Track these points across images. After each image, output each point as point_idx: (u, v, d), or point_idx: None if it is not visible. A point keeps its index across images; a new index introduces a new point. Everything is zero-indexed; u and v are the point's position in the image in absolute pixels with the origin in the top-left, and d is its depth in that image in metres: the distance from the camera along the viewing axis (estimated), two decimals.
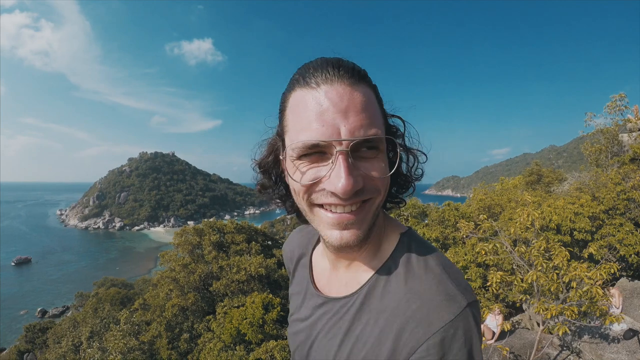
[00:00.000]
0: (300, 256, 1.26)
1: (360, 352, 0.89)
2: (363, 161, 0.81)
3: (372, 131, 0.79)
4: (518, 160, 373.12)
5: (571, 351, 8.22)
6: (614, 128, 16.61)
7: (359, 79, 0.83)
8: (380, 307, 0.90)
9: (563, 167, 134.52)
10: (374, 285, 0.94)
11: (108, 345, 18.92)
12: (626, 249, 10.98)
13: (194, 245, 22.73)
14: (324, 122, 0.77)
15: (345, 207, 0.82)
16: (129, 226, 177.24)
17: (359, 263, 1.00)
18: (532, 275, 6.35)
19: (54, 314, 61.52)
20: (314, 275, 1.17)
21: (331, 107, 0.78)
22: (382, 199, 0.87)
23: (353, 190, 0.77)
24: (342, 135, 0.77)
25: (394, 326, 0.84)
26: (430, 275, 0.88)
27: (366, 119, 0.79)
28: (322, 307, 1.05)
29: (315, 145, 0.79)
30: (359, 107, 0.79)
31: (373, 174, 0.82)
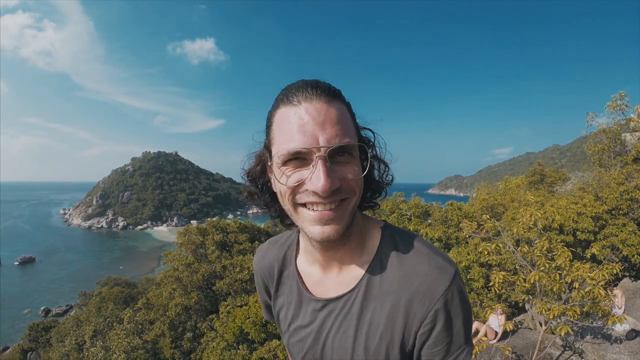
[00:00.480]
0: (282, 268, 1.29)
1: (376, 335, 1.05)
2: (339, 165, 0.94)
3: (345, 140, 0.93)
4: (521, 159, 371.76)
5: (573, 351, 8.22)
6: (616, 128, 16.55)
7: (333, 97, 0.97)
8: (383, 292, 1.06)
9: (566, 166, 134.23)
10: (372, 276, 1.09)
11: (111, 344, 18.96)
12: (629, 249, 10.96)
13: (197, 244, 22.77)
14: (305, 133, 0.91)
15: (325, 205, 0.95)
16: (132, 225, 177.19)
17: (349, 262, 1.13)
18: (534, 276, 6.35)
19: (57, 313, 61.50)
20: (305, 283, 1.22)
21: (311, 120, 0.92)
22: (357, 198, 1.00)
23: (331, 189, 0.90)
24: (320, 143, 0.90)
25: (401, 303, 1.02)
26: (419, 255, 1.06)
27: (340, 130, 0.93)
28: (325, 309, 1.15)
29: (298, 152, 0.92)
30: (334, 120, 0.93)
31: (348, 175, 0.95)
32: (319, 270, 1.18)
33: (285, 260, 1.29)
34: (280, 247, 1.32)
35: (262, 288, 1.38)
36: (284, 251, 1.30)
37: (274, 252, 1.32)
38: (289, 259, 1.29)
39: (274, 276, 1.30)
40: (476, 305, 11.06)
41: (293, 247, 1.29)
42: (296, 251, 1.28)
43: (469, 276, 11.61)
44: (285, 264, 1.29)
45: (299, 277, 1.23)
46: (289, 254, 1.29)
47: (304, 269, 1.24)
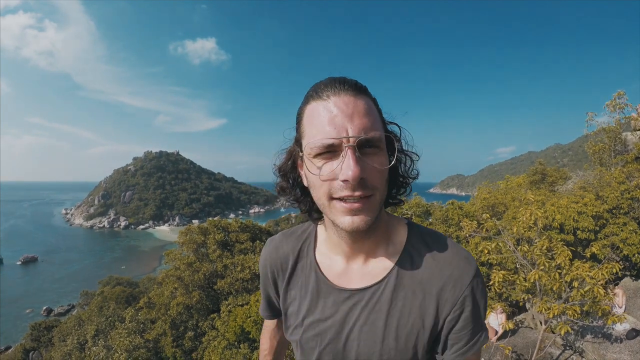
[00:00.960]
0: (297, 260, 1.28)
1: (408, 323, 1.10)
2: (367, 156, 0.96)
3: (373, 132, 0.96)
4: (523, 158, 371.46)
5: (574, 351, 8.22)
6: (616, 126, 16.55)
7: (360, 91, 1.00)
8: (415, 280, 1.12)
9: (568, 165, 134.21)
10: (403, 266, 1.14)
11: (113, 343, 19.00)
12: (629, 249, 10.95)
13: (198, 244, 22.79)
14: (334, 125, 0.95)
15: (354, 197, 0.96)
16: (134, 225, 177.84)
17: (377, 254, 1.18)
18: (534, 275, 6.36)
19: (59, 312, 61.79)
20: (326, 274, 1.22)
21: (339, 113, 0.95)
22: (382, 193, 1.02)
23: (360, 176, 0.93)
24: (349, 134, 0.93)
25: (434, 291, 1.09)
26: (447, 247, 1.14)
27: (368, 122, 0.96)
28: (349, 300, 1.17)
29: (329, 145, 0.95)
30: (362, 112, 0.97)
31: (375, 165, 0.97)
32: (343, 261, 1.20)
33: (301, 252, 1.29)
34: (296, 240, 1.32)
35: (270, 281, 1.35)
36: (300, 243, 1.30)
37: (289, 244, 1.31)
38: (305, 251, 1.29)
39: (287, 269, 1.29)
40: None
41: (311, 240, 1.30)
42: (314, 244, 1.29)
43: None
44: (302, 255, 1.29)
45: (319, 269, 1.23)
46: (306, 246, 1.29)
47: (323, 260, 1.24)
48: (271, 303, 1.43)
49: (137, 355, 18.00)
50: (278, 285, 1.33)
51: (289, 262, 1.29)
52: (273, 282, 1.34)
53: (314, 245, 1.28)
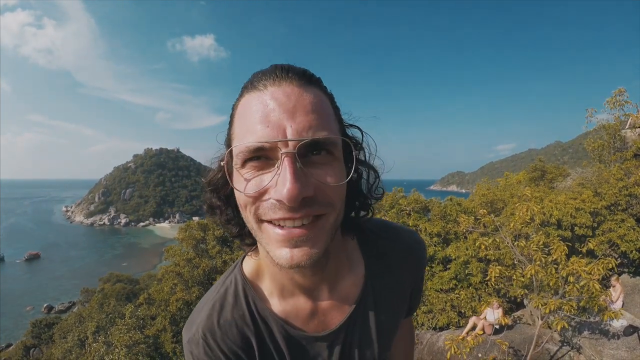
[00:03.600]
0: (257, 330, 0.97)
1: (393, 314, 1.10)
2: (314, 167, 0.73)
3: (322, 132, 0.72)
4: (523, 156, 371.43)
5: (571, 347, 8.24)
6: (615, 124, 16.55)
7: (309, 82, 0.78)
8: (387, 280, 1.07)
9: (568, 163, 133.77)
10: (372, 277, 1.05)
11: (113, 339, 19.02)
12: (627, 245, 10.96)
13: (198, 240, 22.78)
14: (269, 122, 0.71)
15: (295, 220, 0.73)
16: (134, 222, 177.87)
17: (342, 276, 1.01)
18: (530, 270, 6.38)
19: (60, 309, 61.71)
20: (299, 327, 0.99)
21: (277, 107, 0.72)
22: (337, 215, 0.80)
23: (300, 196, 0.68)
24: (288, 136, 0.70)
25: (406, 278, 1.11)
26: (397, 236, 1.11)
27: (316, 120, 0.73)
28: (337, 340, 1.02)
29: (259, 149, 0.71)
30: (309, 107, 0.73)
31: (327, 179, 0.74)
32: (307, 301, 0.98)
33: (255, 319, 0.97)
34: (236, 309, 0.98)
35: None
36: (246, 309, 0.98)
37: (233, 321, 0.97)
38: (256, 313, 0.98)
39: (252, 350, 0.98)
40: (474, 299, 11.10)
41: (251, 295, 0.99)
42: (260, 297, 0.99)
43: (467, 271, 11.64)
44: (258, 322, 0.97)
45: (287, 324, 0.98)
46: (253, 307, 0.98)
47: (285, 310, 0.98)
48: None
49: (137, 351, 18.00)
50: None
51: (249, 338, 0.97)
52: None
53: (263, 299, 0.99)
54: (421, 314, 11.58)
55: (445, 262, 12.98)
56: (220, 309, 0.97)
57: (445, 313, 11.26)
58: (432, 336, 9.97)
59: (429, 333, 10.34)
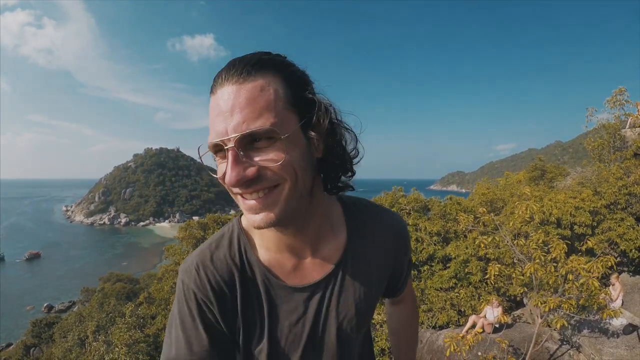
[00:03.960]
0: (242, 271, 1.09)
1: (372, 283, 1.19)
2: (256, 152, 0.87)
3: (256, 124, 0.84)
4: (524, 155, 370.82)
5: (571, 345, 8.27)
6: (615, 123, 16.58)
7: (248, 74, 0.87)
8: (367, 248, 1.18)
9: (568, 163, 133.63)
10: (352, 242, 1.16)
11: (113, 338, 19.05)
12: (627, 244, 10.99)
13: (198, 239, 22.77)
14: (218, 123, 0.86)
15: (250, 194, 0.89)
16: (135, 222, 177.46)
17: (324, 238, 1.14)
18: (530, 268, 6.39)
19: (60, 309, 61.55)
20: (281, 277, 1.11)
21: (222, 109, 0.86)
22: (293, 183, 0.90)
23: (239, 182, 0.85)
24: (227, 134, 0.84)
25: (386, 247, 1.21)
26: (379, 211, 1.24)
27: (250, 114, 0.84)
28: (316, 294, 1.12)
29: (216, 145, 0.88)
30: (243, 103, 0.84)
31: (267, 163, 0.86)
32: (291, 257, 1.11)
33: (243, 261, 1.10)
34: (229, 251, 1.11)
35: (215, 309, 1.06)
36: (237, 252, 1.10)
37: (224, 259, 1.09)
38: (245, 257, 1.11)
39: (235, 288, 1.08)
40: (474, 298, 11.12)
41: (244, 242, 1.12)
42: (251, 246, 1.12)
43: (467, 270, 11.67)
44: (245, 265, 1.10)
45: (270, 273, 1.10)
46: (243, 252, 1.11)
47: (271, 261, 1.11)
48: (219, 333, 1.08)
49: (137, 350, 18.02)
50: (225, 310, 1.08)
51: (235, 278, 1.08)
52: (219, 309, 1.07)
53: (253, 248, 1.12)
54: (421, 312, 11.59)
55: (445, 260, 13.01)
56: (215, 248, 1.10)
57: (445, 312, 11.29)
58: (431, 335, 9.99)
59: (429, 332, 10.37)
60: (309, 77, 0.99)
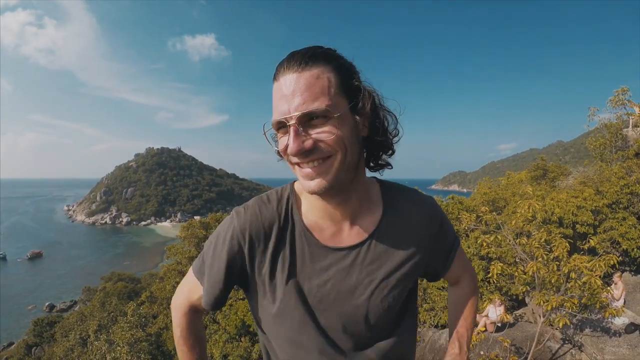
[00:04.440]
0: (284, 225, 1.23)
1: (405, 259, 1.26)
2: (314, 128, 1.05)
3: (314, 105, 1.02)
4: (525, 155, 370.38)
5: (573, 345, 8.27)
6: (617, 122, 16.57)
7: (306, 64, 1.05)
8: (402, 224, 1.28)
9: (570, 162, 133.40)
10: (388, 216, 1.28)
11: (115, 337, 19.09)
12: (629, 243, 11.00)
13: (200, 238, 22.85)
14: (281, 104, 1.04)
15: (307, 164, 1.07)
16: (136, 221, 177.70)
17: (361, 210, 1.27)
18: (532, 267, 6.39)
19: (61, 308, 61.63)
20: (318, 237, 1.23)
21: (284, 93, 1.04)
22: (344, 155, 1.08)
23: (299, 151, 1.03)
24: (290, 113, 1.02)
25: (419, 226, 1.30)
26: (415, 193, 1.36)
27: (309, 97, 1.02)
28: (347, 258, 1.23)
29: (278, 122, 1.06)
30: (303, 88, 1.03)
31: (322, 136, 1.04)
32: (331, 223, 1.24)
33: (287, 217, 1.25)
34: (277, 206, 1.26)
35: (245, 252, 1.21)
36: (283, 208, 1.26)
37: (270, 211, 1.24)
38: (290, 215, 1.25)
39: (270, 236, 1.22)
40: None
41: (293, 204, 1.27)
42: (299, 208, 1.27)
43: None
44: (288, 220, 1.25)
45: (309, 232, 1.23)
46: (290, 211, 1.26)
47: (312, 224, 1.24)
48: (229, 285, 1.27)
49: (139, 349, 18.08)
50: (256, 256, 1.22)
51: (274, 228, 1.22)
52: (249, 253, 1.21)
53: (298, 209, 1.27)
54: (423, 311, 11.62)
55: None
56: (267, 200, 1.28)
57: (447, 311, 11.28)
58: (434, 334, 9.99)
59: (431, 331, 10.37)
60: (355, 67, 1.16)
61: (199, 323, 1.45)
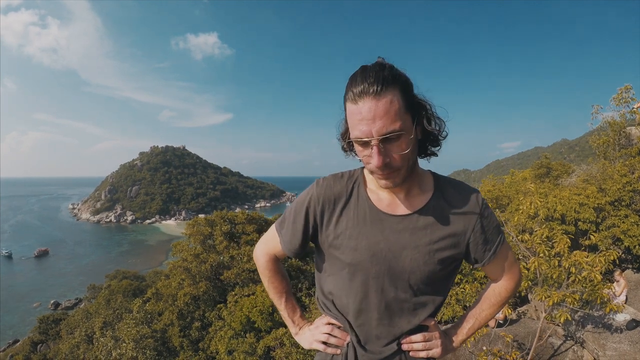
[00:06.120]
0: (350, 195, 1.54)
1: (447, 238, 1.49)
2: (390, 143, 1.27)
3: (391, 128, 1.22)
4: (530, 153, 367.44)
5: (575, 341, 8.31)
6: (621, 120, 16.55)
7: (382, 90, 1.22)
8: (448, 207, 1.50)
9: (575, 161, 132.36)
10: (437, 198, 1.51)
11: (121, 333, 19.16)
12: (631, 240, 11.01)
13: (205, 235, 22.93)
14: (362, 126, 1.24)
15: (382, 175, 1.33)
16: (141, 219, 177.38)
17: (415, 191, 1.52)
18: (534, 262, 6.44)
19: (66, 306, 61.77)
20: (378, 206, 1.51)
21: (365, 116, 1.22)
22: (407, 167, 1.35)
23: (384, 164, 1.27)
24: (373, 134, 1.23)
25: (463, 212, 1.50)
26: (464, 185, 1.57)
27: (387, 120, 1.22)
28: (400, 224, 1.49)
29: (361, 140, 1.26)
30: (382, 114, 1.22)
31: (395, 150, 1.28)
32: (389, 196, 1.51)
33: (353, 190, 1.54)
34: (347, 181, 1.56)
35: (318, 214, 1.55)
36: (352, 184, 1.56)
37: (341, 184, 1.55)
38: (356, 189, 1.54)
39: (339, 202, 1.53)
40: (478, 294, 11.14)
41: (360, 181, 1.56)
42: (364, 184, 1.55)
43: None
44: (354, 192, 1.54)
45: (370, 201, 1.51)
46: (356, 185, 1.55)
47: (373, 196, 1.52)
48: (306, 236, 1.60)
49: (145, 345, 18.17)
50: (325, 218, 1.55)
51: (342, 197, 1.54)
52: (320, 214, 1.55)
53: (364, 185, 1.55)
54: None
55: None
56: (341, 176, 1.58)
57: (450, 307, 11.33)
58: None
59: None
60: (412, 84, 1.35)
61: (281, 265, 1.82)
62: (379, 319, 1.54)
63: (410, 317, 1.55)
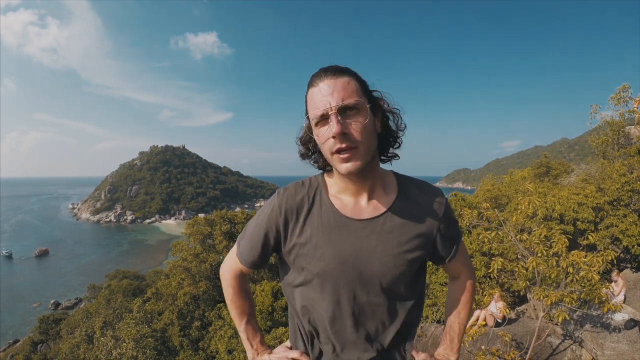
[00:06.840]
0: (312, 203, 1.53)
1: (413, 238, 1.50)
2: (349, 117, 1.31)
3: (348, 100, 1.30)
4: (529, 152, 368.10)
5: (573, 340, 8.33)
6: (620, 120, 16.55)
7: (340, 73, 1.35)
8: (412, 208, 1.53)
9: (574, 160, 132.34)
10: (400, 199, 1.54)
11: (121, 333, 19.17)
12: (629, 240, 11.01)
13: (205, 235, 22.92)
14: (322, 101, 1.31)
15: (344, 150, 1.31)
16: (141, 219, 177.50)
17: (378, 192, 1.54)
18: (532, 262, 6.46)
19: (66, 306, 61.73)
20: (341, 211, 1.51)
21: (325, 92, 1.31)
22: (367, 146, 1.36)
23: (342, 131, 1.28)
24: (331, 105, 1.29)
25: (427, 212, 1.54)
26: (425, 184, 1.60)
27: (345, 94, 1.30)
28: (365, 229, 1.49)
29: (321, 115, 1.31)
30: (340, 87, 1.31)
31: (356, 122, 1.31)
32: (352, 200, 1.52)
33: (315, 197, 1.54)
34: (309, 189, 1.56)
35: (281, 224, 1.52)
36: (313, 190, 1.56)
37: (303, 192, 1.55)
38: (319, 195, 1.54)
39: (302, 211, 1.52)
40: (478, 293, 11.17)
41: (322, 187, 1.56)
42: (326, 189, 1.56)
43: None
44: (316, 199, 1.54)
45: (333, 207, 1.51)
46: (319, 191, 1.55)
47: (336, 201, 1.52)
48: (266, 248, 1.57)
49: (145, 344, 18.18)
50: (289, 228, 1.52)
51: (305, 205, 1.52)
52: (283, 224, 1.52)
53: (326, 190, 1.55)
54: (425, 307, 11.65)
55: None
56: (302, 184, 1.58)
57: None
58: (436, 329, 10.06)
59: (433, 326, 10.44)
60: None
61: (246, 284, 1.77)
62: (354, 325, 1.52)
63: (386, 320, 1.55)
